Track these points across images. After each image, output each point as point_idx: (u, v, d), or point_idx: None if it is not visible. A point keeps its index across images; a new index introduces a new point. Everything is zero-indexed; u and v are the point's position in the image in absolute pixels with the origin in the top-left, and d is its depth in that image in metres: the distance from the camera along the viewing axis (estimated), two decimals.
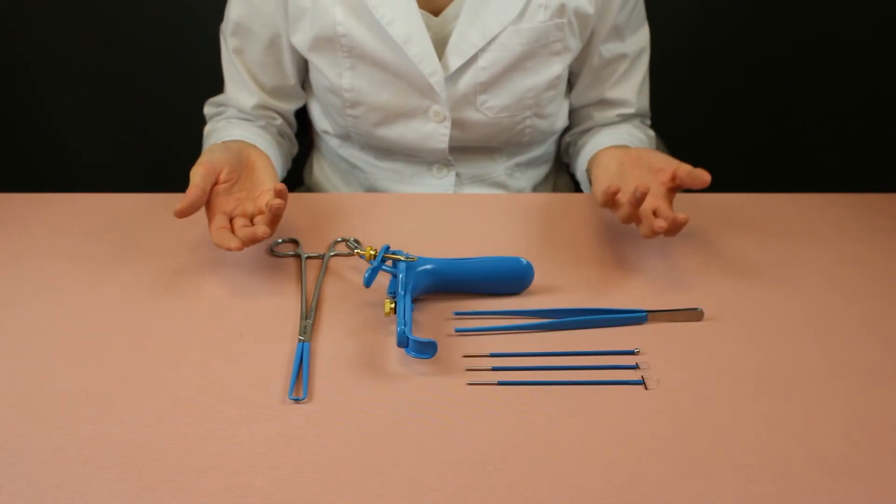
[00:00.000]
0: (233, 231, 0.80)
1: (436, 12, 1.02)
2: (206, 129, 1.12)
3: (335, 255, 0.86)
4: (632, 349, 0.72)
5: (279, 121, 1.13)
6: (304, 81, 1.15)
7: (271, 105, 1.11)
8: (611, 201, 0.82)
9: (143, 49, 1.69)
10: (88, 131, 1.78)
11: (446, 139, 1.06)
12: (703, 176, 0.82)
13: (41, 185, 1.27)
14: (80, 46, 1.67)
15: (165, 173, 1.40)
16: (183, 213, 0.77)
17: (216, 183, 0.84)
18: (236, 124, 1.09)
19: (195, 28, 1.54)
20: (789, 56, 1.71)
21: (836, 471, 0.59)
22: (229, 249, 0.77)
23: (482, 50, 1.00)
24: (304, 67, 1.12)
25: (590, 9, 1.03)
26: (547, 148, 1.17)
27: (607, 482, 0.58)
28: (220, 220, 0.80)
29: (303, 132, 1.33)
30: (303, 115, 1.31)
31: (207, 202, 0.83)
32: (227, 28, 1.07)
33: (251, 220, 0.83)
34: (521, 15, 1.00)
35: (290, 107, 1.14)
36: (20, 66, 1.69)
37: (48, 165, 1.81)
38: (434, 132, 1.05)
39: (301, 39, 1.03)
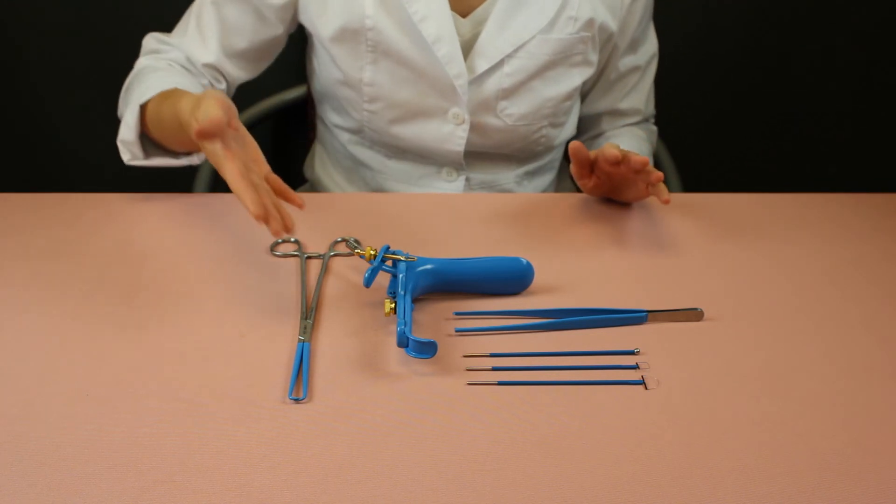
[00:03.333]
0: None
1: (464, 14, 1.01)
2: (142, 62, 1.02)
3: (335, 255, 0.86)
4: (632, 349, 0.72)
5: (223, 85, 1.06)
6: (308, 61, 1.12)
7: (224, 68, 1.04)
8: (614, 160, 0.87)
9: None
10: (88, 131, 1.78)
11: (463, 142, 1.05)
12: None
13: (41, 185, 1.27)
14: (80, 46, 1.67)
15: (165, 173, 1.40)
16: (203, 135, 0.71)
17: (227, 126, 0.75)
18: (180, 72, 1.00)
19: None
20: (789, 57, 1.71)
21: (836, 471, 0.59)
22: (251, 203, 0.69)
23: (509, 56, 1.00)
24: (294, 23, 1.07)
25: (613, 26, 1.04)
26: (554, 155, 1.17)
27: (607, 482, 0.58)
28: (241, 166, 0.72)
29: (304, 126, 1.32)
30: (303, 112, 1.30)
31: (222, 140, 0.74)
32: None
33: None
34: (552, 25, 1.00)
35: (244, 74, 1.07)
36: (20, 65, 1.69)
37: (48, 165, 1.80)
38: (451, 134, 1.05)
39: (325, 29, 1.01)
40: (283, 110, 1.33)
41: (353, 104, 1.06)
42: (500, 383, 0.68)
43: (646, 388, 0.68)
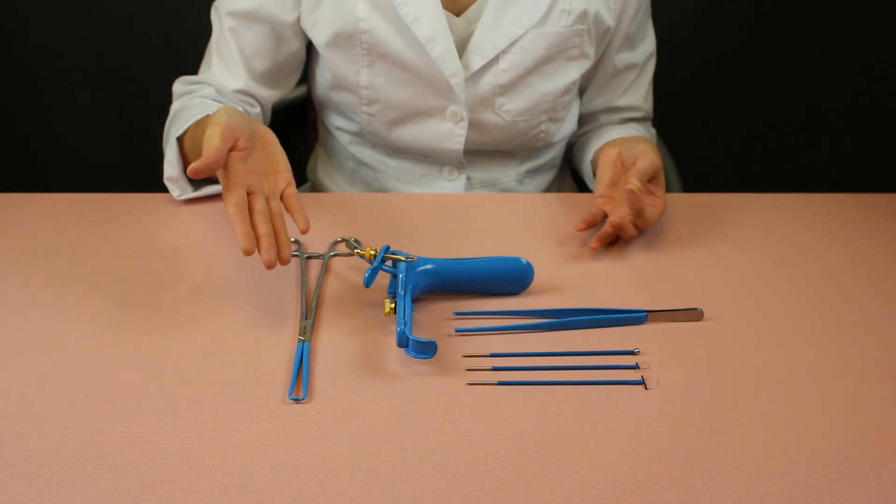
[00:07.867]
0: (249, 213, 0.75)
1: (457, 13, 1.01)
2: (175, 105, 1.04)
3: (335, 255, 0.86)
4: (632, 349, 0.72)
5: (257, 108, 1.07)
6: (309, 67, 1.13)
7: (254, 91, 1.06)
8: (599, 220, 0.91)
9: (144, 48, 1.69)
10: (88, 131, 1.78)
11: (462, 140, 1.05)
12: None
13: (41, 185, 1.27)
14: (81, 46, 1.67)
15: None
16: (198, 173, 0.72)
17: (233, 148, 0.77)
18: (212, 105, 1.00)
19: (196, 27, 1.54)
20: (789, 57, 1.72)
21: (836, 471, 0.59)
22: (240, 237, 0.71)
23: (504, 52, 1.00)
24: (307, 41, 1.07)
25: (609, 20, 1.04)
26: (555, 153, 1.17)
27: (607, 482, 0.58)
28: (239, 194, 0.74)
29: (304, 128, 1.32)
30: (304, 112, 1.30)
31: (224, 167, 0.76)
32: (222, 5, 1.02)
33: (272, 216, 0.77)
34: (545, 19, 1.00)
35: (275, 93, 1.09)
36: (20, 65, 1.69)
37: (48, 165, 1.81)
38: (450, 133, 1.05)
39: (319, 36, 1.01)
40: (283, 110, 1.32)
41: (351, 108, 1.06)
42: (500, 383, 0.68)
43: (646, 388, 0.68)
